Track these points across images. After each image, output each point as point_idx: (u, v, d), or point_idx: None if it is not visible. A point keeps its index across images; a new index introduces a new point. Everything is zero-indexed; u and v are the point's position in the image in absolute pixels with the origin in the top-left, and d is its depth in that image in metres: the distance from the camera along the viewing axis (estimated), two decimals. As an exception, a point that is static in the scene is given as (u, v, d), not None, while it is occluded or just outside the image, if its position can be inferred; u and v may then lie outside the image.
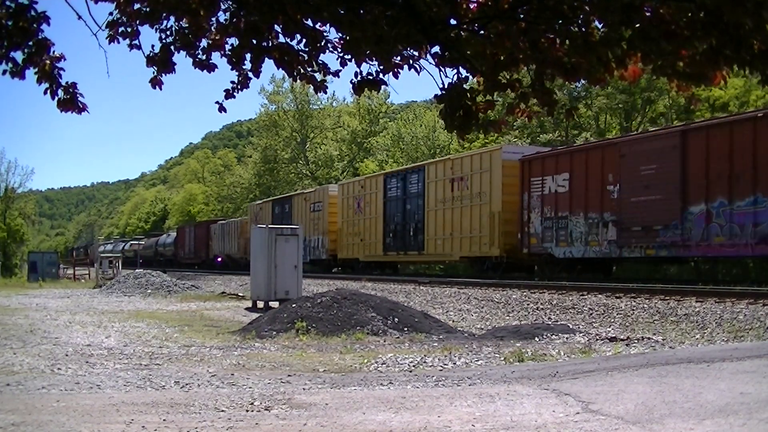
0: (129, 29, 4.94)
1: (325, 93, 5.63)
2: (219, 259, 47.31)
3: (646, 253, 17.69)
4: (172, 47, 5.01)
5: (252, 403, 5.60)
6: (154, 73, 5.09)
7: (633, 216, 17.81)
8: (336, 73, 5.10)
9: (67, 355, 9.26)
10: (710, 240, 15.99)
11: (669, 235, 16.82)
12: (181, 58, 5.14)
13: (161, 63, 5.04)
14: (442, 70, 4.87)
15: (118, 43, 4.98)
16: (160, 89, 5.18)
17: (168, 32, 5.00)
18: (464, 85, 4.92)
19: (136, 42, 5.02)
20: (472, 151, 25.87)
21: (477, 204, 23.12)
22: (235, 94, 5.20)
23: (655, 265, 22.15)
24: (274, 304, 16.66)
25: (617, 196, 18.29)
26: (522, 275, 22.08)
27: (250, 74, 5.11)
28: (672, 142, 16.93)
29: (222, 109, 5.34)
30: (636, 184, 17.68)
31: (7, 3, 4.59)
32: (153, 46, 5.03)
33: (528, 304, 15.36)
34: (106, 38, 4.93)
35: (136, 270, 28.90)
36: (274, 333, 11.56)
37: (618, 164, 18.25)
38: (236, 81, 5.17)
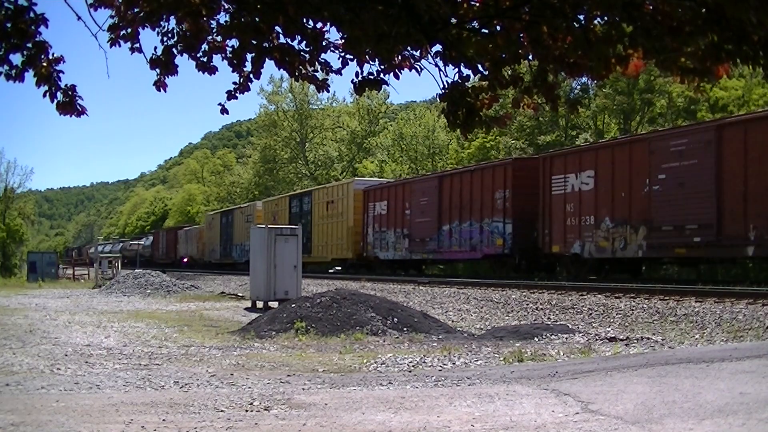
0: (129, 31, 4.93)
1: (327, 92, 5.61)
2: (185, 260, 53.87)
3: (423, 256, 26.76)
4: (174, 49, 5.00)
5: (251, 403, 5.59)
6: (157, 75, 5.07)
7: (417, 232, 26.45)
8: (338, 71, 5.09)
9: (66, 355, 9.26)
10: (451, 248, 24.72)
11: (432, 245, 25.74)
12: (181, 60, 5.13)
13: (164, 65, 5.03)
14: (443, 69, 4.87)
15: (120, 46, 4.96)
16: (165, 91, 5.16)
17: (169, 34, 4.99)
18: (466, 84, 4.91)
19: (138, 45, 5.01)
20: (339, 182, 37.11)
21: (340, 221, 32.07)
22: (237, 95, 5.20)
23: (427, 265, 30.33)
24: (274, 304, 16.67)
25: (409, 218, 27.15)
26: (364, 270, 29.51)
27: (251, 76, 5.10)
28: (434, 183, 26.07)
29: (224, 110, 5.33)
30: (417, 209, 26.62)
31: (6, 4, 4.58)
32: (155, 48, 5.03)
33: (527, 304, 15.36)
34: (108, 41, 4.92)
35: (136, 270, 28.92)
36: (274, 333, 11.56)
37: (409, 196, 27.26)
38: (237, 82, 5.16)
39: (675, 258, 18.44)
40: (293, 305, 12.89)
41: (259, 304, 18.32)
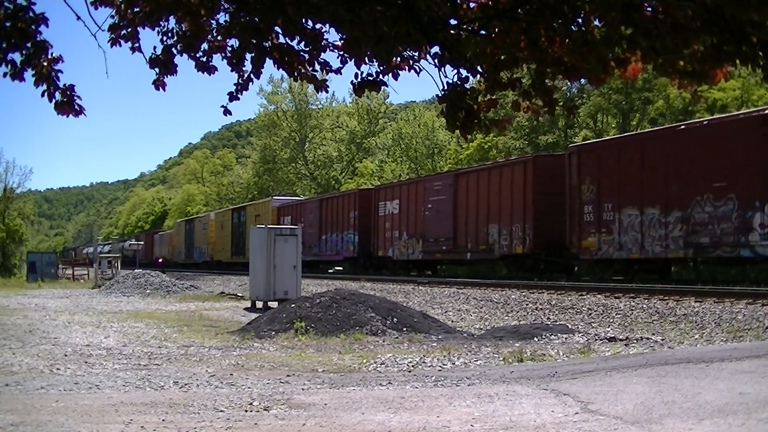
0: (129, 30, 4.93)
1: (326, 92, 5.61)
2: (160, 260, 59.41)
3: (311, 258, 33.63)
4: (173, 49, 5.01)
5: (251, 404, 5.59)
6: (156, 74, 5.08)
7: (306, 239, 31.02)
8: (338, 71, 5.09)
9: (66, 356, 9.25)
10: (328, 252, 34.08)
11: (315, 250, 34.52)
12: (180, 60, 5.14)
13: (163, 65, 5.03)
14: (442, 70, 4.87)
15: (120, 46, 4.97)
16: (164, 90, 5.17)
17: (169, 34, 4.99)
18: (465, 85, 4.91)
19: (138, 45, 5.01)
20: (263, 200, 45.48)
21: None
22: (238, 96, 5.20)
23: (319, 265, 35.84)
24: (273, 305, 16.66)
25: (315, 231, 35.02)
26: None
27: (251, 76, 5.10)
28: (316, 205, 36.12)
29: (227, 112, 5.34)
30: (308, 223, 35.34)
31: (6, 4, 4.58)
32: (155, 47, 5.03)
33: (527, 305, 15.36)
34: (108, 41, 4.92)
35: (135, 270, 28.90)
36: (273, 333, 11.55)
37: (303, 212, 37.27)
38: (237, 82, 5.17)
39: (436, 260, 27.34)
40: (293, 305, 12.88)
41: (259, 304, 18.31)
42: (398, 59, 4.87)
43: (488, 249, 23.27)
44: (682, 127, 18.19)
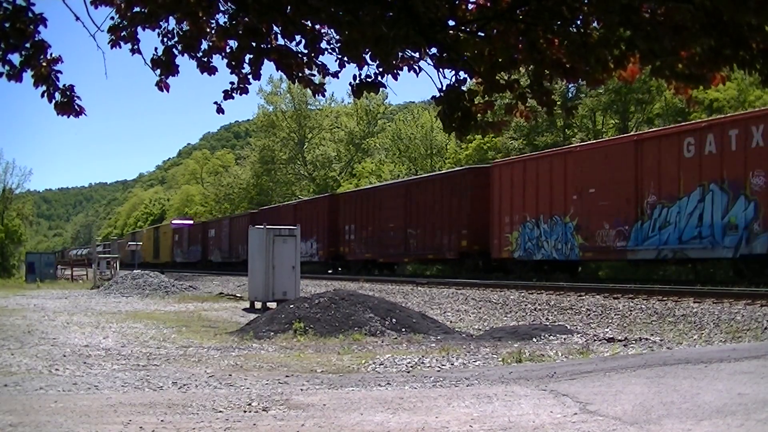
0: (129, 31, 4.93)
1: (324, 96, 5.61)
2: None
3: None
4: (174, 49, 5.00)
5: (250, 404, 5.60)
6: (158, 76, 5.07)
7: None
8: (335, 74, 5.09)
9: (64, 356, 9.25)
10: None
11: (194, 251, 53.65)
12: (179, 60, 5.13)
13: (165, 65, 5.02)
14: (441, 71, 4.87)
15: (120, 47, 4.96)
16: (167, 91, 5.15)
17: (170, 35, 4.99)
18: (462, 87, 4.91)
19: (137, 47, 5.01)
20: (165, 223, 62.66)
21: (167, 245, 60.99)
22: (234, 95, 5.20)
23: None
24: (272, 305, 16.65)
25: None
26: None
27: (250, 77, 5.10)
28: (200, 228, 54.00)
29: (220, 110, 5.33)
30: (188, 240, 55.67)
31: (5, 4, 4.58)
32: (156, 48, 5.03)
33: (526, 305, 15.37)
34: (108, 43, 4.92)
35: (134, 270, 28.89)
36: (272, 334, 11.55)
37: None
38: (235, 83, 5.16)
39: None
40: (292, 306, 12.88)
41: (258, 305, 18.30)
42: (398, 59, 4.87)
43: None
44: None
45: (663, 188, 17.46)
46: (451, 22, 4.80)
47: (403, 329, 11.83)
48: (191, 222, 57.43)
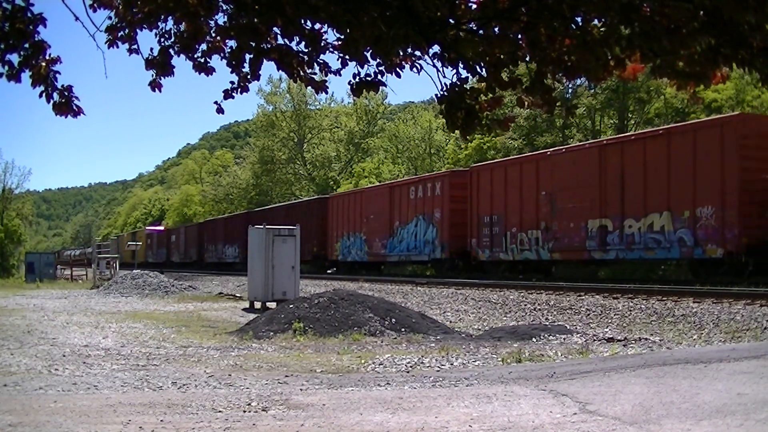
0: (127, 32, 4.92)
1: (326, 93, 5.61)
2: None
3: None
4: (171, 50, 5.00)
5: (249, 404, 5.59)
6: (153, 75, 5.08)
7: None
8: (337, 72, 5.08)
9: (64, 356, 9.25)
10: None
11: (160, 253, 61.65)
12: (178, 61, 5.14)
13: (160, 66, 5.02)
14: (441, 70, 4.87)
15: (118, 47, 4.96)
16: (160, 91, 5.16)
17: (167, 35, 4.99)
18: (464, 85, 4.90)
19: (136, 47, 5.01)
20: (138, 230, 74.14)
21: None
22: (234, 95, 5.19)
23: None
24: (272, 305, 16.66)
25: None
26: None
27: (249, 77, 5.10)
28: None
29: (220, 110, 5.33)
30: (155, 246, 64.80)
31: (4, 5, 4.58)
32: (152, 48, 5.03)
33: (525, 305, 15.37)
34: (106, 42, 4.92)
35: (134, 270, 28.89)
36: (272, 334, 11.55)
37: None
38: (235, 83, 5.16)
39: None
40: (291, 306, 12.88)
41: (257, 305, 18.31)
42: (399, 57, 4.86)
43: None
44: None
45: (402, 217, 28.29)
46: (451, 21, 4.80)
47: (403, 329, 11.83)
48: (162, 229, 69.15)
